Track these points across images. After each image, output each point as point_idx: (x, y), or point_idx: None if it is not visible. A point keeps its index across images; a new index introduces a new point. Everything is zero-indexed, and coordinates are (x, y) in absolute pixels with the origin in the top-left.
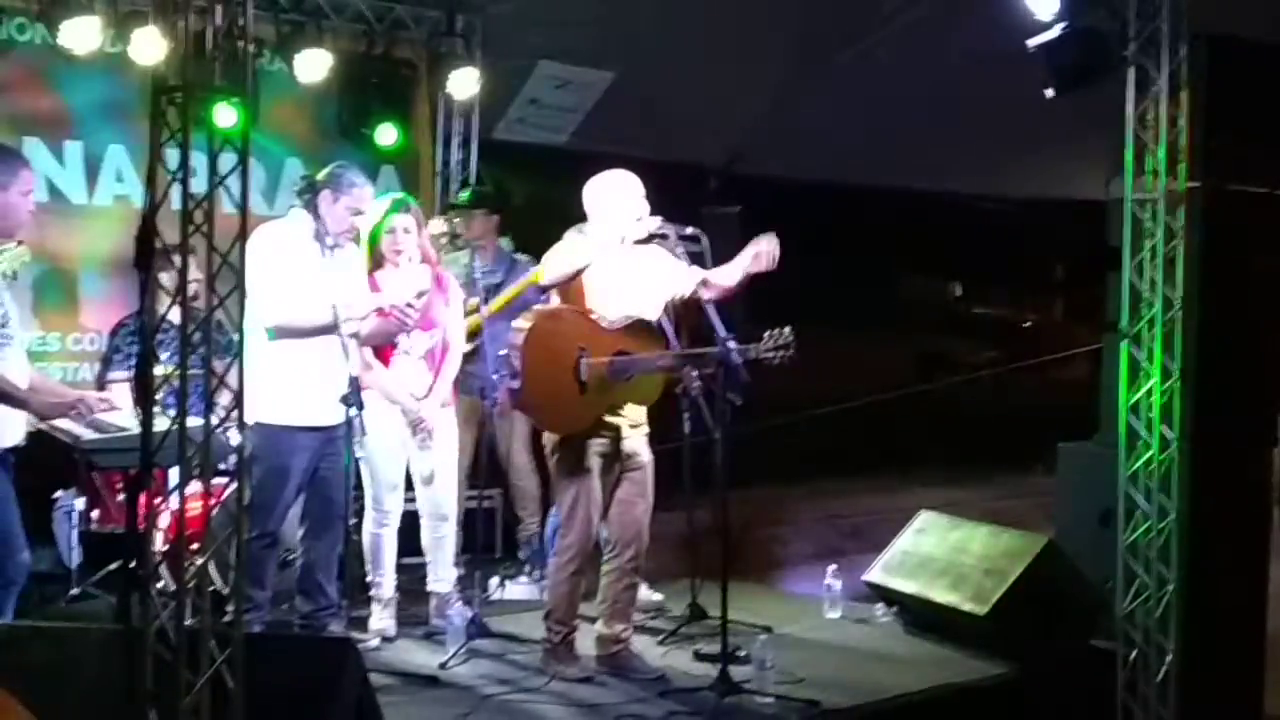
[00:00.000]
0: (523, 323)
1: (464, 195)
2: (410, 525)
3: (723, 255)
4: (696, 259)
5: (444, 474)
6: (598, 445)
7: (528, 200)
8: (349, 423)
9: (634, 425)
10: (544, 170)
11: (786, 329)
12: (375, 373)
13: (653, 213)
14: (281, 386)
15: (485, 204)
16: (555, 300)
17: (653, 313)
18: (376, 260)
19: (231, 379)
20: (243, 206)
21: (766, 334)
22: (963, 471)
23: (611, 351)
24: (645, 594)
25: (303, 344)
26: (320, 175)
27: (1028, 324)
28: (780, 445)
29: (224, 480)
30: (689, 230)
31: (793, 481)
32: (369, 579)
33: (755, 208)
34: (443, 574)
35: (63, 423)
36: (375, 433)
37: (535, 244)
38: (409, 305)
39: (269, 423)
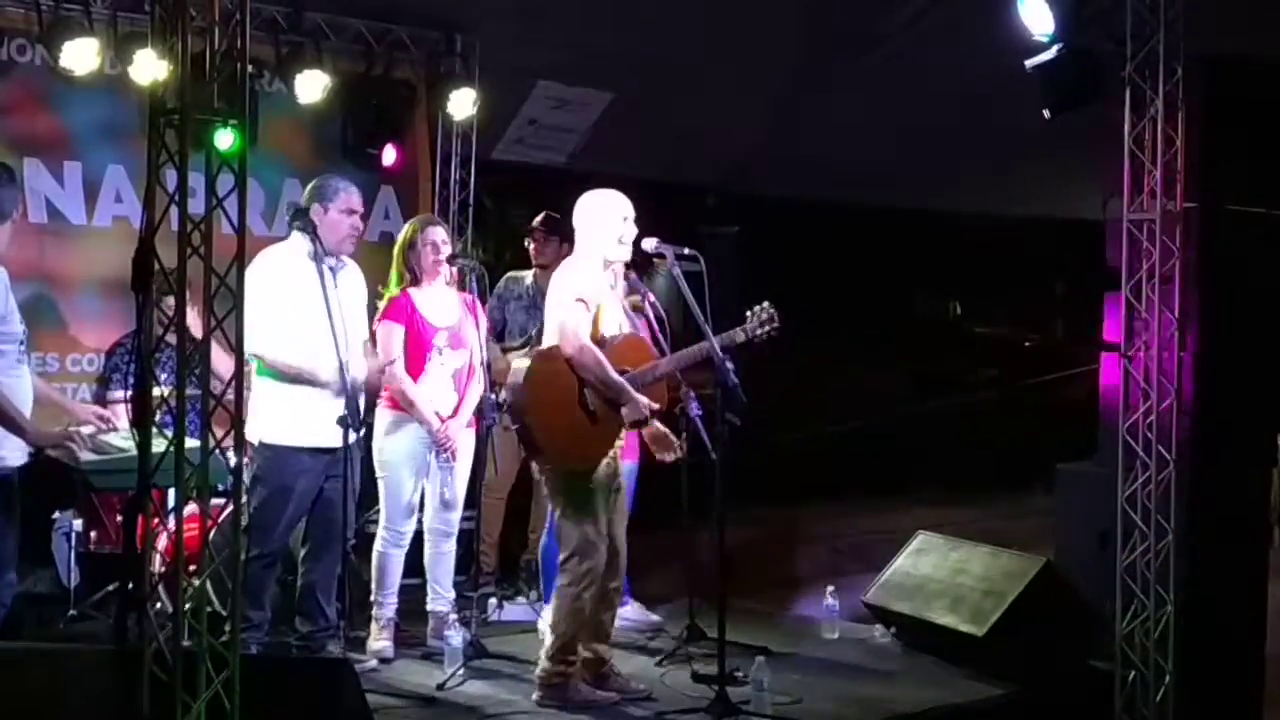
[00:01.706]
0: (520, 364)
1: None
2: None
3: (720, 275)
4: (694, 279)
5: (460, 495)
6: (604, 468)
7: (528, 221)
8: (346, 445)
9: (620, 441)
10: (543, 190)
11: (765, 303)
12: (404, 387)
13: (651, 233)
14: (287, 407)
15: (559, 229)
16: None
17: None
18: (409, 274)
19: (229, 401)
20: (240, 228)
21: (749, 313)
22: (962, 492)
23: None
24: (642, 614)
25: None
26: (304, 197)
27: (1028, 343)
28: (779, 465)
29: (221, 501)
30: (686, 251)
31: (791, 502)
32: (372, 598)
33: (753, 227)
34: (443, 593)
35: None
36: (395, 452)
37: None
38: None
39: (274, 443)
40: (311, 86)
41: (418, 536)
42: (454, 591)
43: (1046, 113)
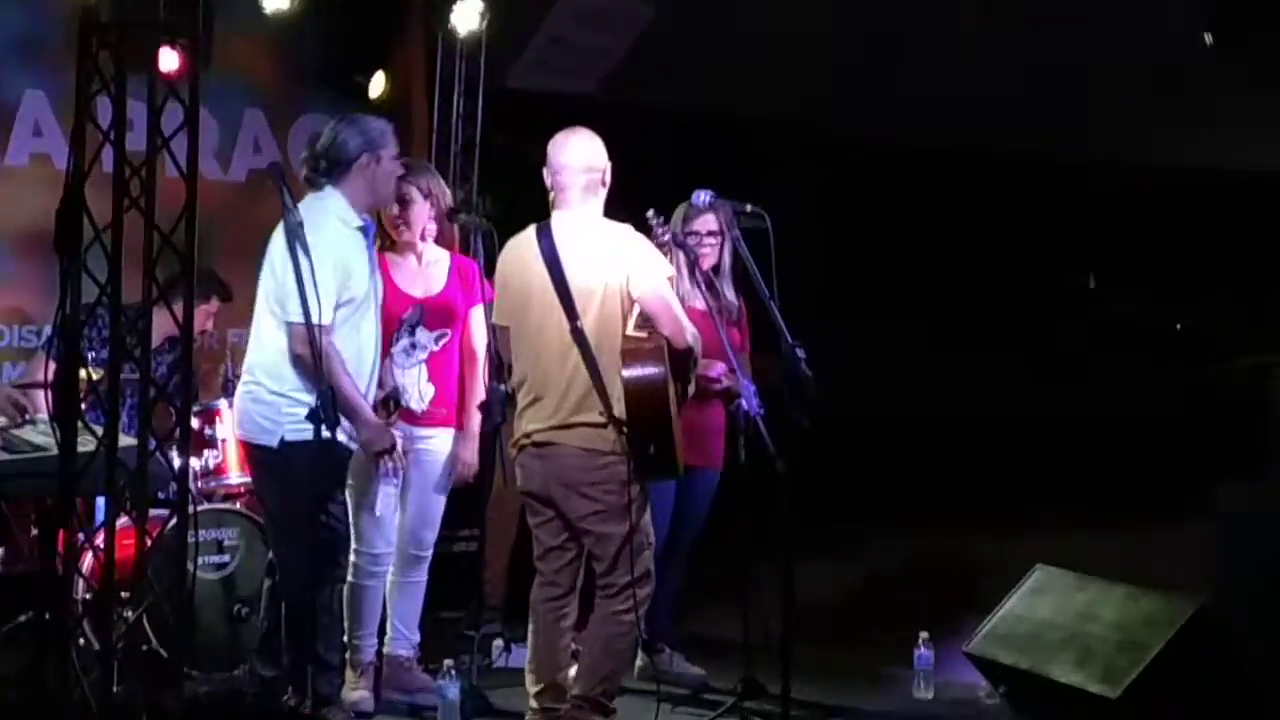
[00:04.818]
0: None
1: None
2: None
3: (795, 236)
4: (758, 241)
5: (432, 506)
6: None
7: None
8: (315, 441)
9: None
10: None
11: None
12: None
13: (702, 182)
14: (301, 401)
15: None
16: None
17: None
18: (378, 238)
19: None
20: (190, 172)
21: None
22: (1091, 513)
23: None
24: (683, 667)
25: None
26: (340, 144)
27: (1179, 326)
28: (859, 477)
29: (163, 513)
30: (749, 207)
31: (874, 523)
32: (347, 638)
33: (836, 177)
34: (406, 634)
35: None
36: (360, 460)
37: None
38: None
39: (295, 439)
40: None
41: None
42: (419, 634)
43: (1209, 37)
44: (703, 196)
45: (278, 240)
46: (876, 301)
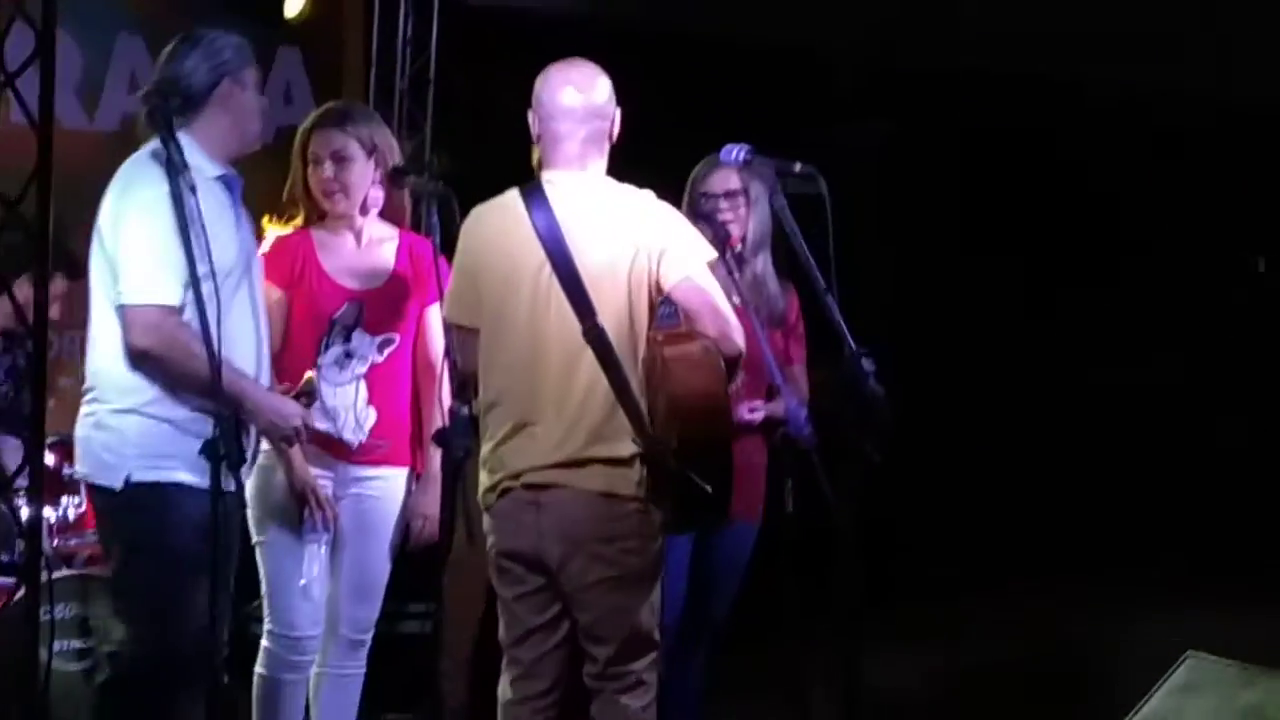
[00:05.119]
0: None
1: None
2: None
3: (858, 197)
4: (811, 208)
5: (374, 572)
6: None
7: (521, 117)
8: (216, 484)
9: None
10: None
11: None
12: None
13: (738, 133)
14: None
15: None
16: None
17: None
18: (299, 207)
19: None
20: (43, 118)
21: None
22: (1259, 581)
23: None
24: None
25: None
26: (189, 65)
27: None
28: (946, 527)
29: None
30: (798, 166)
31: (967, 590)
32: None
33: (911, 125)
34: None
35: None
36: (276, 504)
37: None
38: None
39: (147, 480)
40: None
41: None
42: None
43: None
44: (735, 151)
45: (122, 190)
46: (959, 291)
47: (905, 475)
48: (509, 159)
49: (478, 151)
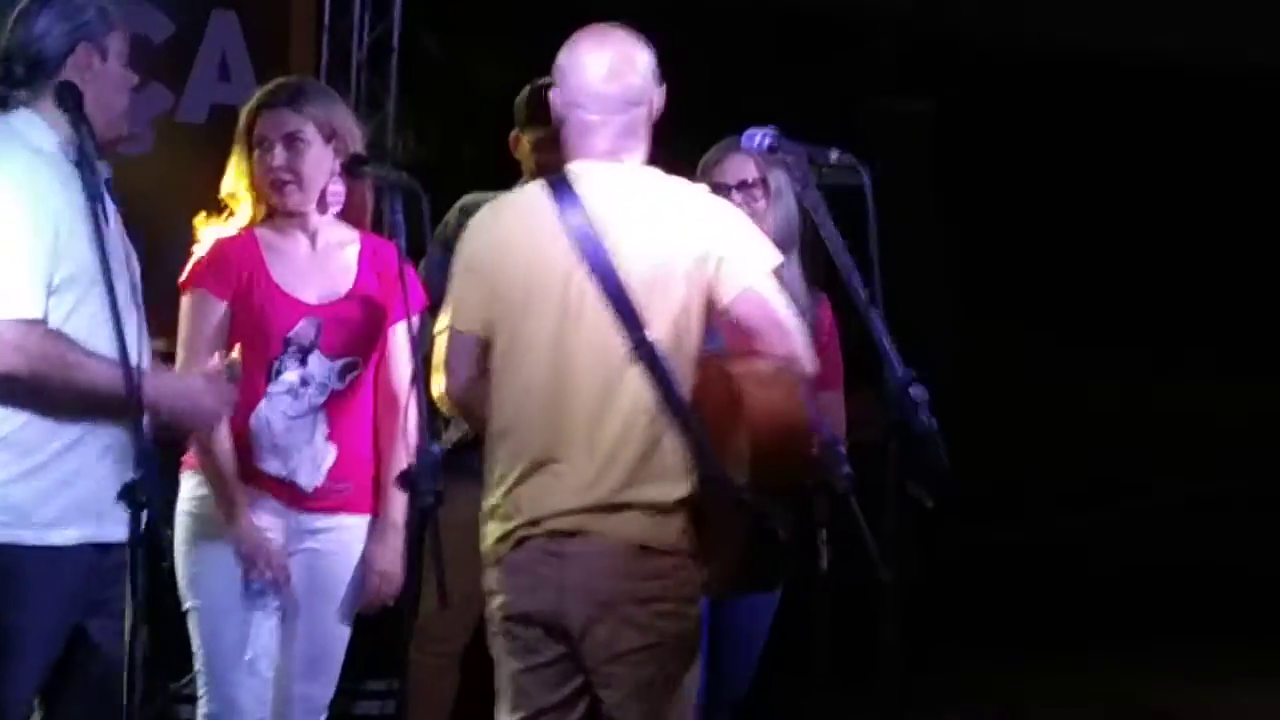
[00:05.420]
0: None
1: None
2: None
3: (903, 182)
4: (849, 201)
5: (329, 641)
6: None
7: (506, 93)
8: (136, 540)
9: None
10: (543, 25)
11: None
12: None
13: (771, 114)
14: (18, 467)
15: None
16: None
17: None
18: (251, 195)
19: None
20: None
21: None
22: None
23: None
24: None
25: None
26: (41, 28)
27: None
28: (1005, 588)
29: None
30: (834, 154)
31: (1027, 661)
32: None
33: (958, 103)
34: None
35: None
36: (213, 563)
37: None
38: None
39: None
40: None
41: None
42: None
43: None
44: (759, 136)
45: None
46: (1026, 300)
47: (961, 522)
48: (491, 143)
49: (452, 135)
